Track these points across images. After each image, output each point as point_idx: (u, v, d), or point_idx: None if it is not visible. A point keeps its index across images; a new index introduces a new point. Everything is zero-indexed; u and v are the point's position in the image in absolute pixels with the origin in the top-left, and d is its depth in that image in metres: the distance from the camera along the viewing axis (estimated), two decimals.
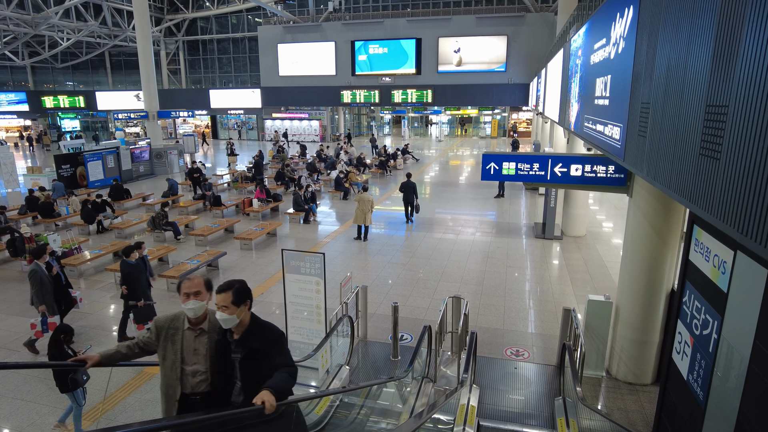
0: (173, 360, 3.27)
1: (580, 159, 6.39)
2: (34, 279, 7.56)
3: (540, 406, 6.37)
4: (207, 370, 3.30)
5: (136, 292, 7.81)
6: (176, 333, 3.31)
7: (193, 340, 3.31)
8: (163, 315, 3.42)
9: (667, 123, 3.25)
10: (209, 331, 3.35)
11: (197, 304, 3.25)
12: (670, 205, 6.02)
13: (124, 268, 7.82)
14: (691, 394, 4.66)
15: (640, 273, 6.37)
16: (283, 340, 3.38)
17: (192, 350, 3.30)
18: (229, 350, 3.28)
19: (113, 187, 17.63)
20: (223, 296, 3.17)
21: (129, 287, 7.78)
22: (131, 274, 7.77)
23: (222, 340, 3.32)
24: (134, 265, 7.89)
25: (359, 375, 7.05)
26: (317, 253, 6.44)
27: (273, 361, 3.17)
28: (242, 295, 3.23)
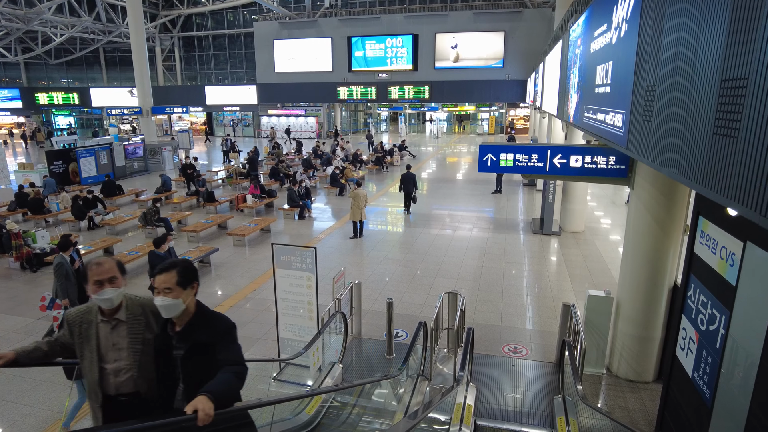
0: (91, 359, 2.83)
1: (580, 150, 6.19)
2: (59, 272, 7.47)
3: (539, 405, 6.18)
4: (132, 366, 2.85)
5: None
6: (90, 328, 2.85)
7: (109, 333, 2.86)
8: (75, 308, 2.96)
9: (676, 104, 3.05)
10: (129, 321, 2.89)
11: (115, 291, 2.81)
12: (674, 196, 5.83)
13: (153, 260, 7.72)
14: (696, 392, 4.47)
15: (641, 267, 6.17)
16: (234, 332, 2.90)
17: (111, 345, 2.84)
18: (170, 346, 2.80)
19: (105, 183, 17.39)
20: (166, 277, 2.72)
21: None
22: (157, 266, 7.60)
23: (162, 335, 2.86)
24: (163, 256, 7.81)
25: (353, 373, 6.84)
26: (308, 247, 6.23)
27: (218, 358, 2.70)
28: (189, 275, 2.80)
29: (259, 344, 7.62)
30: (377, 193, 19.10)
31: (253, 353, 7.36)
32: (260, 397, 5.43)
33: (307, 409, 5.58)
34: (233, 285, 9.99)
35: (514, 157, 6.37)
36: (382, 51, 36.93)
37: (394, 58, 36.85)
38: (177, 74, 45.58)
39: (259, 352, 7.37)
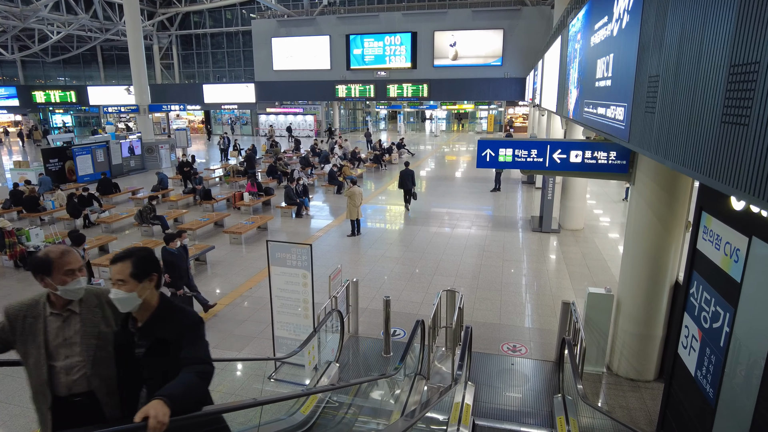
0: (37, 357, 2.54)
1: (580, 145, 6.08)
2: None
3: (538, 404, 6.08)
4: (85, 363, 2.58)
5: (178, 281, 7.71)
6: (36, 322, 2.56)
7: (60, 327, 2.57)
8: (17, 301, 2.65)
9: (680, 93, 2.95)
10: (83, 313, 2.61)
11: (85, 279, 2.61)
12: (675, 192, 5.73)
13: (165, 257, 7.64)
14: (699, 392, 4.37)
15: (642, 264, 6.08)
16: (200, 328, 2.62)
17: (61, 340, 2.56)
18: (132, 343, 2.54)
19: (101, 181, 17.25)
20: (120, 267, 2.44)
21: (171, 275, 7.67)
22: (173, 263, 7.66)
23: (122, 331, 2.59)
24: (175, 253, 7.75)
25: (349, 372, 6.74)
26: (304, 244, 6.12)
27: (180, 356, 2.43)
28: (145, 266, 2.50)
29: (254, 343, 7.51)
30: (375, 191, 19.00)
31: (249, 352, 7.26)
32: (255, 396, 5.33)
33: (303, 408, 5.48)
34: (229, 283, 9.88)
35: (513, 152, 6.26)
36: (380, 49, 36.79)
37: (392, 56, 36.72)
38: (175, 72, 45.42)
39: (255, 351, 7.27)
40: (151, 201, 13.20)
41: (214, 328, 7.99)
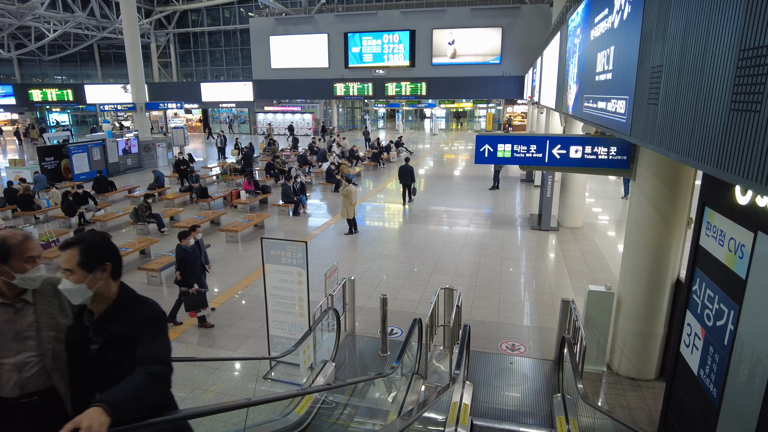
0: None
1: (580, 140, 5.98)
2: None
3: (537, 404, 5.98)
4: (42, 358, 2.33)
5: (188, 278, 7.66)
6: None
7: (11, 319, 2.32)
8: None
9: (686, 82, 2.84)
10: (38, 303, 2.38)
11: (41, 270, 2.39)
12: (677, 188, 5.63)
13: (178, 253, 7.63)
14: (702, 391, 4.27)
15: (643, 261, 5.98)
16: (162, 323, 2.36)
17: (13, 334, 2.31)
18: (86, 338, 2.28)
19: (97, 179, 17.12)
20: (67, 255, 2.19)
21: (182, 272, 7.65)
22: (184, 259, 7.63)
23: (75, 325, 2.34)
24: (188, 250, 7.70)
25: (345, 371, 6.64)
26: (299, 241, 6.01)
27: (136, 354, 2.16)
28: (96, 254, 2.22)
29: (249, 342, 7.40)
30: (374, 190, 18.88)
31: (244, 351, 7.16)
32: (249, 396, 5.23)
33: (297, 409, 5.38)
34: (225, 282, 9.77)
35: (512, 147, 6.15)
36: (378, 47, 36.62)
37: (390, 54, 36.54)
38: (172, 71, 45.21)
39: (250, 350, 7.16)
40: (146, 199, 13.08)
41: (210, 328, 7.88)
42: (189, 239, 7.80)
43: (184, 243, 7.74)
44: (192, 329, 7.81)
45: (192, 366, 6.71)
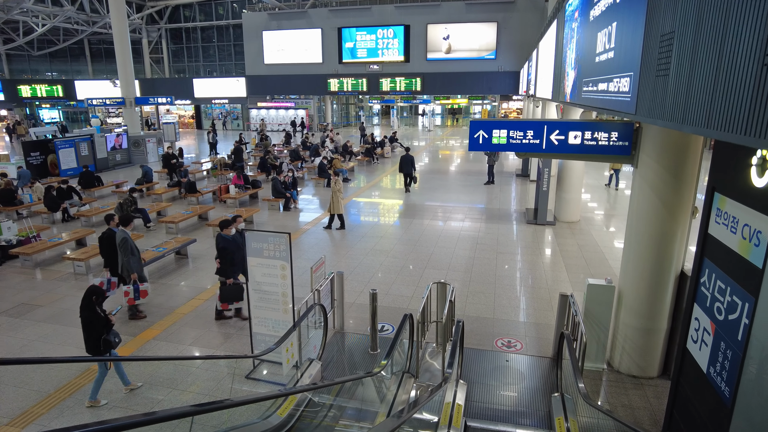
0: None
1: (579, 125, 5.67)
2: (124, 247, 7.52)
3: (535, 403, 5.67)
4: None
5: (227, 269, 7.39)
6: None
7: None
8: None
9: (703, 45, 2.53)
10: None
11: None
12: (681, 175, 5.32)
13: (218, 242, 7.42)
14: (712, 390, 3.97)
15: (646, 252, 5.67)
16: None
17: None
18: None
19: (83, 174, 16.69)
20: None
21: (222, 262, 7.42)
22: (225, 249, 7.38)
23: None
24: (229, 239, 7.44)
25: (333, 370, 6.31)
26: (281, 233, 5.67)
27: None
28: None
29: (233, 340, 7.06)
30: (367, 185, 18.53)
31: (227, 349, 6.82)
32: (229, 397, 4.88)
33: (280, 410, 5.05)
34: (210, 278, 9.40)
35: (508, 134, 5.83)
36: (373, 42, 36.21)
37: (385, 50, 36.14)
38: (164, 67, 44.66)
39: (234, 349, 6.82)
40: (131, 193, 12.68)
41: (191, 324, 7.53)
42: (231, 229, 7.56)
43: (225, 232, 7.51)
44: (177, 324, 7.47)
45: (172, 365, 6.37)
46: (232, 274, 7.42)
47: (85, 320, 5.47)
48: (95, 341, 5.47)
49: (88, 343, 5.52)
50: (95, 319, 5.46)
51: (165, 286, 9.10)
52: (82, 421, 5.29)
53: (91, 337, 5.47)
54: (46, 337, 7.17)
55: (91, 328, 5.47)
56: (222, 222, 7.58)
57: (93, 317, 5.45)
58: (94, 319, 5.46)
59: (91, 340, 5.48)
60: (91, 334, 5.46)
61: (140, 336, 7.22)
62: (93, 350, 5.52)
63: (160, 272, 9.72)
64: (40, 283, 9.24)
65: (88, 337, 5.49)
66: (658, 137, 5.33)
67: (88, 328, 5.47)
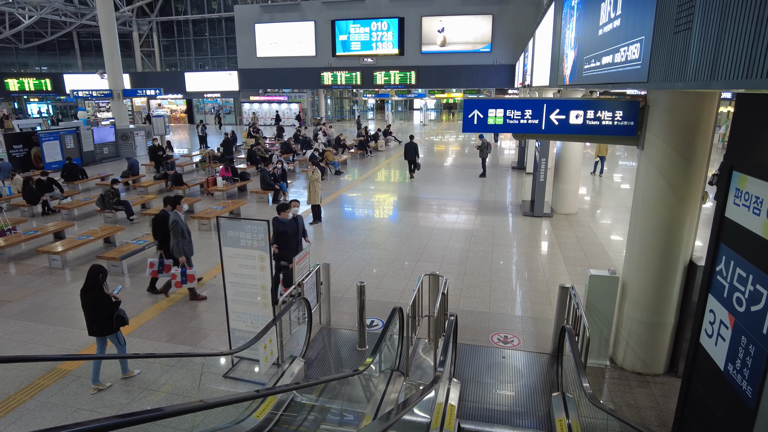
0: None
1: (582, 104, 5.26)
2: (175, 229, 7.43)
3: (533, 403, 5.28)
4: None
5: (287, 253, 7.20)
6: None
7: None
8: None
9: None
10: None
11: None
12: (691, 156, 4.92)
13: (276, 226, 7.25)
14: (731, 389, 3.59)
15: (652, 241, 5.28)
16: None
17: None
18: None
19: (66, 166, 16.16)
20: None
21: (280, 247, 7.26)
22: (284, 233, 7.27)
23: None
24: (286, 223, 7.36)
25: (317, 368, 5.89)
26: (259, 220, 5.24)
27: None
28: None
29: (212, 337, 6.64)
30: (360, 178, 18.09)
31: (205, 346, 6.39)
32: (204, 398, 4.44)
33: (257, 413, 4.63)
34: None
35: (505, 113, 5.42)
36: (366, 35, 35.69)
37: (379, 42, 35.63)
38: (156, 60, 43.99)
39: (212, 345, 6.40)
40: (113, 184, 12.20)
41: (168, 320, 7.10)
42: (288, 212, 7.44)
43: (282, 216, 7.38)
44: (154, 321, 7.03)
45: (144, 364, 5.94)
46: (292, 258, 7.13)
47: (92, 300, 5.28)
48: (104, 321, 5.31)
49: (94, 326, 5.33)
50: (103, 298, 5.30)
51: (143, 279, 8.64)
52: (42, 425, 4.86)
53: (98, 318, 5.30)
54: (12, 334, 6.72)
55: (98, 308, 5.29)
56: (279, 206, 7.48)
57: (101, 296, 5.30)
58: (102, 298, 5.29)
59: (98, 321, 5.30)
60: (98, 314, 5.29)
61: None
62: (99, 332, 5.35)
63: (141, 266, 9.27)
64: (12, 278, 8.77)
65: (94, 319, 5.31)
66: (666, 115, 4.93)
67: (94, 309, 5.29)
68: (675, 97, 4.83)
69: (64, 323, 7.00)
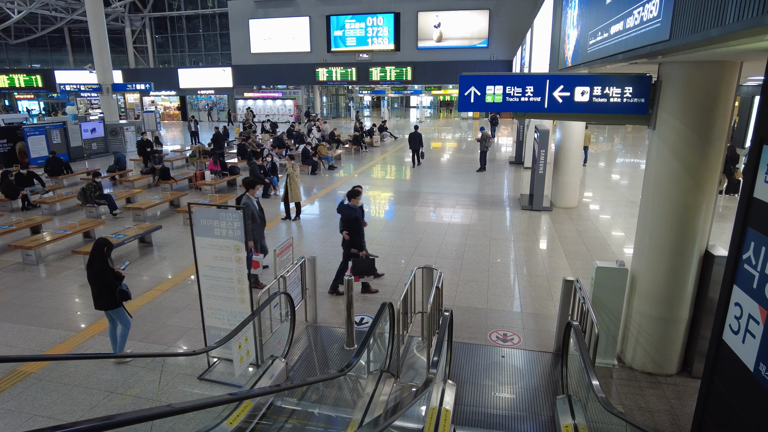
0: None
1: (588, 79, 4.82)
2: (245, 213, 6.85)
3: (536, 406, 4.83)
4: None
5: (359, 240, 7.17)
6: None
7: None
8: None
9: None
10: None
11: None
12: (709, 135, 4.48)
13: (348, 213, 7.13)
14: (763, 392, 3.15)
15: (665, 229, 4.84)
16: None
17: None
18: None
19: (50, 160, 15.63)
20: None
21: (351, 234, 7.12)
22: (356, 219, 7.13)
23: None
24: (357, 209, 7.24)
25: (301, 369, 5.43)
26: (235, 207, 4.77)
27: None
28: None
29: (190, 335, 6.17)
30: (354, 172, 17.62)
31: (182, 345, 5.92)
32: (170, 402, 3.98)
33: (230, 419, 4.17)
34: (174, 267, 8.52)
35: (504, 90, 4.96)
36: (362, 30, 35.21)
37: (374, 38, 35.16)
38: (149, 57, 43.38)
39: (190, 344, 5.93)
40: (95, 177, 11.70)
41: (145, 318, 6.63)
42: (359, 199, 7.31)
43: (353, 203, 7.23)
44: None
45: (113, 365, 5.47)
46: (364, 246, 7.25)
47: (97, 273, 5.25)
48: (109, 294, 5.28)
49: (100, 299, 5.32)
50: (108, 271, 5.28)
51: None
52: None
53: (103, 292, 5.27)
54: None
55: (104, 281, 5.26)
56: (350, 192, 7.31)
57: (105, 269, 5.27)
58: (107, 271, 5.27)
59: (103, 294, 5.28)
60: (103, 288, 5.26)
61: (84, 331, 6.31)
62: (106, 305, 5.34)
63: (120, 261, 8.79)
64: None
65: (99, 293, 5.29)
66: (681, 90, 4.49)
67: (100, 282, 5.27)
68: (691, 69, 4.39)
69: (30, 321, 6.52)
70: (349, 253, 7.16)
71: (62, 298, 7.27)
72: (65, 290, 7.56)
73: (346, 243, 7.21)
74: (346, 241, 7.19)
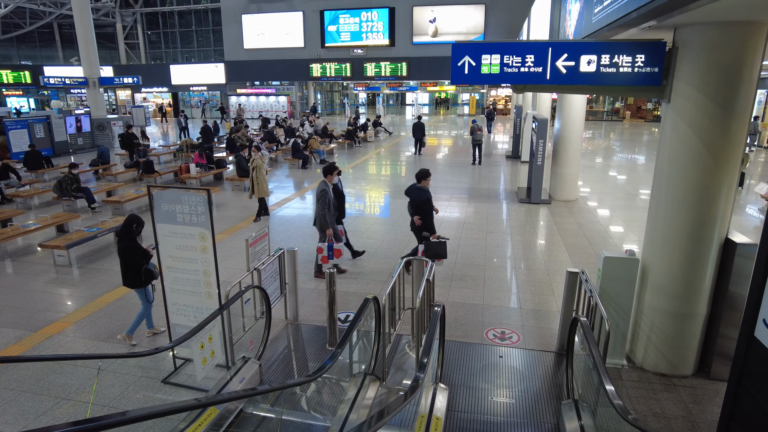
0: None
1: (595, 47, 4.31)
2: (322, 199, 6.90)
3: (538, 412, 4.32)
4: None
5: (430, 223, 6.94)
6: None
7: None
8: None
9: None
10: None
11: None
12: (732, 106, 3.98)
13: (419, 195, 6.93)
14: None
15: (681, 213, 4.34)
16: None
17: None
18: None
19: (28, 154, 15.03)
20: None
21: (423, 217, 6.94)
22: (428, 201, 6.96)
23: None
24: (428, 191, 7.03)
25: (278, 371, 4.91)
26: (200, 189, 4.24)
27: None
28: None
29: (164, 334, 5.63)
30: (347, 166, 17.09)
31: (149, 345, 5.39)
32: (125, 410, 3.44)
33: (191, 428, 3.65)
34: None
35: (502, 60, 4.45)
36: (356, 25, 34.67)
37: (369, 33, 34.62)
38: (140, 53, 42.73)
39: (156, 343, 5.40)
40: (71, 169, 11.13)
41: (111, 316, 6.09)
42: (428, 180, 7.04)
43: (423, 184, 6.97)
44: (94, 316, 6.02)
45: (71, 367, 4.94)
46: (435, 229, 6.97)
47: (125, 249, 5.20)
48: (135, 271, 5.21)
49: (127, 276, 5.27)
50: (135, 248, 5.23)
51: (93, 271, 7.64)
52: None
53: (129, 269, 5.22)
54: None
55: (130, 258, 5.19)
56: (419, 173, 7.02)
57: (133, 246, 5.22)
58: (134, 248, 5.22)
59: (129, 271, 5.23)
60: (129, 264, 5.20)
61: (43, 330, 5.77)
62: (132, 283, 5.27)
63: (93, 255, 8.27)
64: None
65: (126, 269, 5.25)
66: (701, 56, 3.99)
67: (126, 258, 5.21)
68: (713, 32, 3.89)
69: None
70: (421, 237, 6.89)
71: (23, 295, 6.73)
72: (28, 287, 7.02)
73: (417, 228, 6.97)
74: (417, 225, 6.95)
